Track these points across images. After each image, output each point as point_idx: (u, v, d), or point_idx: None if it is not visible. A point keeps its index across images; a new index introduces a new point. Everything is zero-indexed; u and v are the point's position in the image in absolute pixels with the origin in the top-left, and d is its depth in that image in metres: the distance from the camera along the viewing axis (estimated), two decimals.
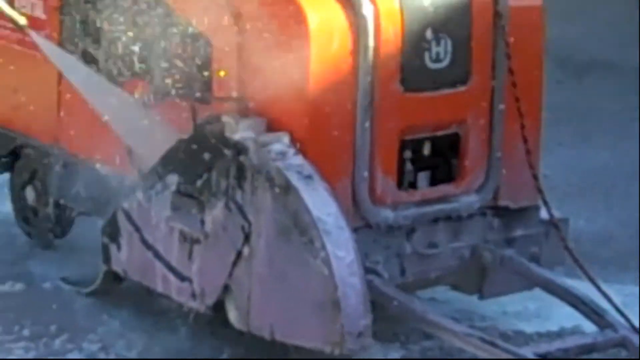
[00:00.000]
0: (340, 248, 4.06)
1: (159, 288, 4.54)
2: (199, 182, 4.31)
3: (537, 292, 4.61)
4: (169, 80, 4.60)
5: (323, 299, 4.05)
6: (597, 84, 7.80)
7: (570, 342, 4.29)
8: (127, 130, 4.48)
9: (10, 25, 5.04)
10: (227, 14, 4.33)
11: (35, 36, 4.51)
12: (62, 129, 4.88)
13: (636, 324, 4.29)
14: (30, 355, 4.49)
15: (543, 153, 4.73)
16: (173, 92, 4.54)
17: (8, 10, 4.57)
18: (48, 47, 4.54)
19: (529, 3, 4.59)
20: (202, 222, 4.31)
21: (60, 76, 4.88)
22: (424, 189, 4.48)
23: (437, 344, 4.42)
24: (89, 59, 4.82)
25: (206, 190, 4.29)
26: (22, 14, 4.92)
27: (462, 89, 4.46)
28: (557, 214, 4.60)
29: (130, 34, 4.71)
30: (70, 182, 4.92)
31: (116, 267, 4.68)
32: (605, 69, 8.08)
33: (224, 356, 4.49)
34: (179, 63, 4.58)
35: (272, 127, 4.24)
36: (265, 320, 4.21)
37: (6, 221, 5.35)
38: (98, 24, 4.77)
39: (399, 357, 4.49)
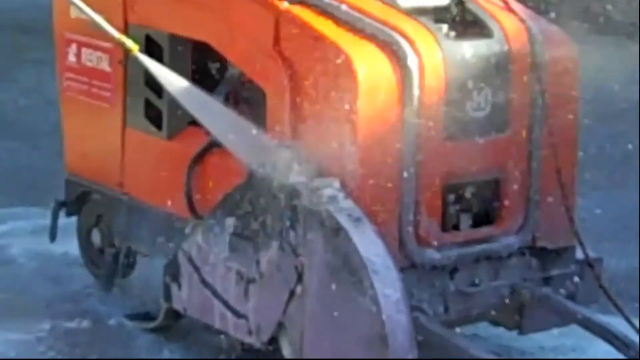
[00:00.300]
0: (388, 287, 4.05)
1: (217, 325, 4.53)
2: (254, 225, 4.31)
3: (574, 328, 4.58)
4: None
5: (372, 335, 4.04)
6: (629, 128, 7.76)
7: None
8: (243, 151, 4.41)
9: (76, 77, 5.11)
10: (281, 66, 4.35)
11: (144, 59, 4.51)
12: (126, 174, 4.91)
13: None
14: None
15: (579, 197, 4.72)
16: None
17: (116, 34, 4.56)
18: (159, 70, 4.52)
19: (564, 54, 4.57)
20: (258, 263, 4.32)
21: (124, 125, 4.92)
22: (466, 230, 4.46)
23: None
24: (150, 108, 4.87)
25: (261, 233, 4.29)
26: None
27: (501, 136, 4.45)
28: (591, 254, 4.59)
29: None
30: (134, 225, 4.94)
31: (177, 305, 4.68)
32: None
33: None
34: (238, 111, 4.61)
35: (322, 172, 4.25)
36: (317, 356, 4.21)
37: (74, 261, 5.35)
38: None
39: None
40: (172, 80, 4.47)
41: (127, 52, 4.83)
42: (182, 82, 4.46)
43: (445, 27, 4.42)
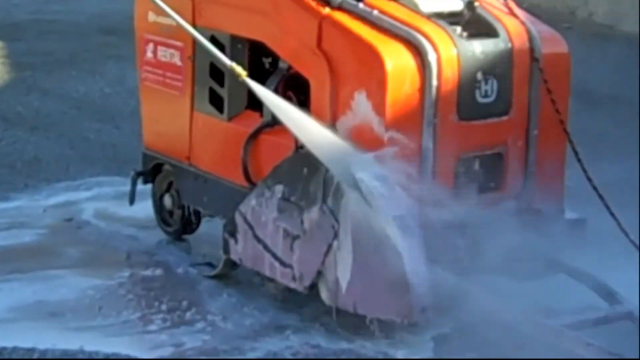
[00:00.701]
0: (410, 241, 4.07)
1: (267, 273, 4.56)
2: (299, 191, 4.34)
3: (563, 277, 4.58)
4: None
5: (396, 282, 4.07)
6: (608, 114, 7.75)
7: (588, 314, 4.28)
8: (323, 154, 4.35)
9: (153, 70, 5.13)
10: (323, 61, 4.36)
11: (251, 83, 4.44)
12: (193, 149, 4.93)
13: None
14: (167, 324, 4.51)
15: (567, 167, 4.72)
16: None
17: (228, 62, 4.50)
18: (261, 91, 4.45)
19: (558, 50, 4.58)
20: (302, 222, 4.33)
21: (192, 109, 4.93)
22: (475, 196, 4.46)
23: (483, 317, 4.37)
24: (213, 95, 4.88)
25: (304, 197, 4.31)
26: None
27: (504, 118, 4.46)
28: (576, 215, 4.59)
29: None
30: (199, 191, 4.96)
31: (233, 256, 4.70)
32: (614, 102, 8.02)
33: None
34: (287, 98, 4.62)
35: (357, 147, 4.26)
36: (349, 299, 4.23)
37: (150, 222, 5.37)
38: (222, 69, 4.82)
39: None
40: (275, 101, 4.42)
41: (194, 49, 4.87)
42: (284, 104, 4.41)
43: (459, 29, 4.43)
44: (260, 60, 4.83)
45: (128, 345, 4.34)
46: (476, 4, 4.51)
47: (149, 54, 5.13)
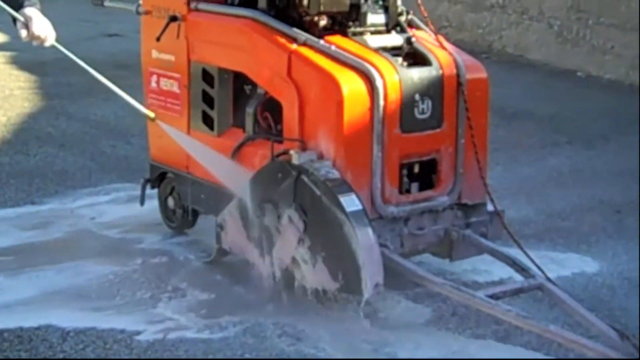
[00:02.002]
0: (363, 231, 4.05)
1: (251, 259, 4.50)
2: (275, 192, 4.29)
3: (485, 256, 4.58)
4: (257, 128, 4.62)
5: (353, 263, 4.04)
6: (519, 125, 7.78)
7: (506, 287, 4.26)
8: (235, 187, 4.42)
9: (157, 96, 5.09)
10: (293, 88, 4.34)
11: (163, 125, 4.46)
12: (190, 160, 4.88)
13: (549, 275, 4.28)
14: (173, 302, 4.46)
15: (488, 169, 4.71)
16: (261, 135, 4.57)
17: (139, 106, 4.50)
18: (174, 133, 4.47)
19: (479, 76, 4.56)
20: (278, 218, 4.29)
21: (188, 127, 4.88)
22: (415, 193, 4.45)
23: (424, 290, 4.36)
24: (205, 116, 4.84)
25: (280, 197, 4.27)
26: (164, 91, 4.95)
27: (437, 130, 4.43)
28: (497, 207, 4.58)
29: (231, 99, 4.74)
30: (196, 193, 4.92)
31: (225, 246, 4.66)
32: (525, 116, 8.06)
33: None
34: (264, 118, 4.59)
35: (320, 157, 4.24)
36: (317, 280, 4.19)
37: (157, 220, 5.31)
38: (211, 94, 4.79)
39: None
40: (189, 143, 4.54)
41: (190, 79, 4.83)
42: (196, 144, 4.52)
43: (400, 59, 4.41)
44: (243, 87, 4.80)
45: (140, 319, 4.29)
46: (413, 39, 4.50)
47: (153, 84, 5.09)
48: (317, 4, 4.39)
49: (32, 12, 4.07)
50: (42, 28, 4.08)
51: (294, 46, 4.36)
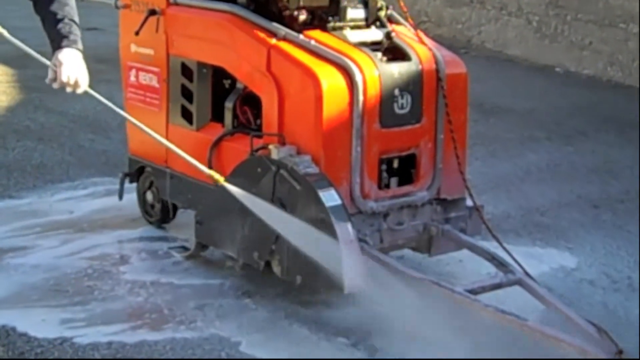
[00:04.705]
0: (343, 225, 4.03)
1: (230, 252, 4.48)
2: (254, 185, 4.27)
3: (465, 252, 4.57)
4: (236, 123, 4.60)
5: (333, 257, 4.01)
6: (498, 121, 7.79)
7: (485, 282, 4.24)
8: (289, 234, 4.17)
9: (135, 91, 5.05)
10: (272, 82, 4.31)
11: (230, 187, 4.16)
12: (168, 155, 4.85)
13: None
14: (154, 297, 4.44)
15: (467, 164, 4.70)
16: (240, 130, 4.54)
17: (206, 170, 4.22)
18: (237, 192, 4.18)
19: (458, 71, 4.55)
20: None
21: (167, 121, 4.86)
22: (394, 188, 4.44)
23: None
24: (184, 110, 4.81)
25: (259, 191, 4.23)
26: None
27: (417, 125, 4.42)
28: (476, 202, 4.57)
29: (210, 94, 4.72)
30: (174, 188, 4.89)
31: (203, 240, 4.64)
32: (503, 111, 8.08)
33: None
34: (243, 112, 4.57)
35: (300, 151, 4.22)
36: (296, 271, 4.17)
37: (137, 214, 5.27)
38: (190, 89, 4.77)
39: None
40: (254, 201, 4.19)
41: (169, 73, 4.80)
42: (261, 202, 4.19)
43: (379, 54, 4.39)
44: (222, 81, 4.78)
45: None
46: (393, 34, 4.49)
47: (132, 78, 5.06)
48: None
49: (65, 56, 3.80)
50: (72, 74, 3.79)
51: (274, 41, 4.34)
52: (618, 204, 5.85)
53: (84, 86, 3.86)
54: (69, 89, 3.85)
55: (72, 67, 3.81)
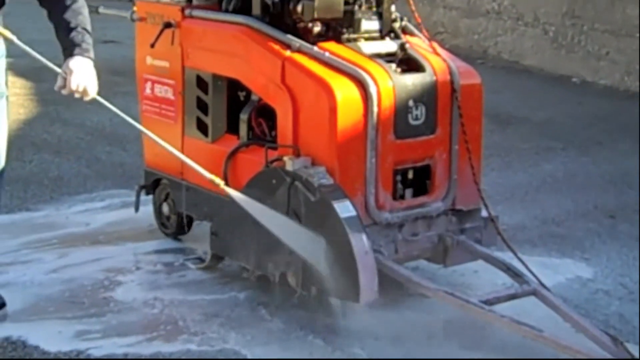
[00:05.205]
0: (358, 236, 4.04)
1: (246, 264, 4.49)
2: (270, 198, 4.28)
3: (480, 262, 4.56)
4: (251, 135, 4.61)
5: (348, 268, 4.02)
6: (514, 131, 7.78)
7: (500, 292, 4.23)
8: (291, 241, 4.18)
9: (151, 103, 5.07)
10: (287, 94, 4.33)
11: (231, 191, 4.22)
12: (184, 167, 4.84)
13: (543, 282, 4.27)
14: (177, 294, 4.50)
15: (483, 175, 4.70)
16: (255, 142, 4.56)
17: (208, 175, 4.24)
18: (237, 196, 4.23)
19: (472, 82, 4.55)
20: None
21: (183, 134, 4.88)
22: (409, 199, 4.44)
23: (418, 296, 4.35)
24: (200, 122, 4.83)
25: (274, 202, 4.25)
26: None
27: (431, 136, 4.43)
28: (491, 212, 4.57)
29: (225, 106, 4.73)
30: (190, 200, 4.91)
31: (219, 252, 4.66)
32: (519, 122, 8.07)
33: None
34: (258, 124, 4.59)
35: (314, 163, 4.23)
36: (311, 282, 4.17)
37: (153, 226, 5.30)
38: (206, 101, 4.79)
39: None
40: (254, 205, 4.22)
41: (184, 86, 4.82)
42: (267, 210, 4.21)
43: (394, 66, 4.39)
44: (237, 94, 4.79)
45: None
46: (407, 45, 4.50)
47: (148, 90, 5.08)
48: (311, 11, 4.39)
49: (76, 63, 3.88)
50: (81, 82, 3.87)
51: (288, 53, 4.35)
52: (634, 214, 5.83)
53: (92, 93, 3.94)
54: (77, 96, 3.94)
55: (81, 75, 3.88)
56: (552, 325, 4.02)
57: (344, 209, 4.06)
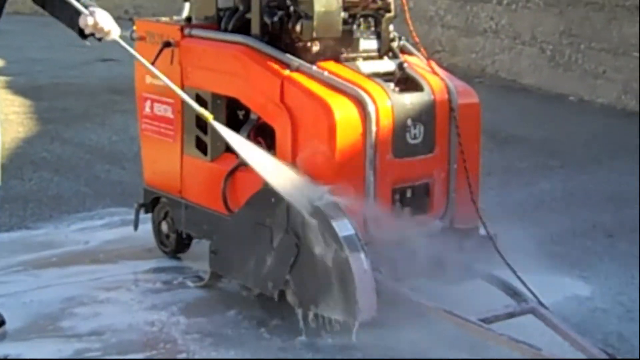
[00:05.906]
0: (357, 255, 4.05)
1: (245, 282, 4.52)
2: (268, 216, 4.30)
3: (478, 281, 4.53)
4: None
5: (347, 287, 4.04)
6: (512, 150, 7.78)
7: (498, 311, 4.23)
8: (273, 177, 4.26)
9: (150, 121, 5.09)
10: (286, 113, 4.34)
11: (217, 125, 4.33)
12: (183, 185, 4.89)
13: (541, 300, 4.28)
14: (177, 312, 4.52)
15: (481, 193, 4.71)
16: None
17: (197, 107, 4.37)
18: (226, 132, 4.35)
19: (470, 101, 4.58)
20: (271, 241, 4.29)
21: (182, 152, 4.89)
22: (407, 218, 4.44)
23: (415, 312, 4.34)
24: (199, 141, 4.84)
25: (273, 221, 4.27)
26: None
27: (430, 155, 4.45)
28: (490, 231, 4.58)
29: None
30: (189, 218, 4.92)
31: (218, 270, 4.66)
32: (517, 140, 8.07)
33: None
34: (257, 143, 4.59)
35: (313, 181, 4.23)
36: (310, 301, 4.19)
37: (152, 244, 5.31)
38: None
39: None
40: (238, 141, 4.33)
41: (183, 105, 4.84)
42: (246, 143, 4.34)
43: (392, 85, 4.43)
44: (235, 112, 4.82)
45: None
46: (405, 65, 4.52)
47: (147, 109, 5.10)
48: (310, 30, 4.42)
49: (98, 9, 4.10)
50: (107, 21, 4.08)
51: (287, 72, 4.38)
52: (633, 232, 5.83)
53: (115, 33, 4.11)
54: (99, 34, 4.09)
55: (105, 16, 4.08)
56: (550, 343, 4.02)
57: (343, 227, 4.07)
